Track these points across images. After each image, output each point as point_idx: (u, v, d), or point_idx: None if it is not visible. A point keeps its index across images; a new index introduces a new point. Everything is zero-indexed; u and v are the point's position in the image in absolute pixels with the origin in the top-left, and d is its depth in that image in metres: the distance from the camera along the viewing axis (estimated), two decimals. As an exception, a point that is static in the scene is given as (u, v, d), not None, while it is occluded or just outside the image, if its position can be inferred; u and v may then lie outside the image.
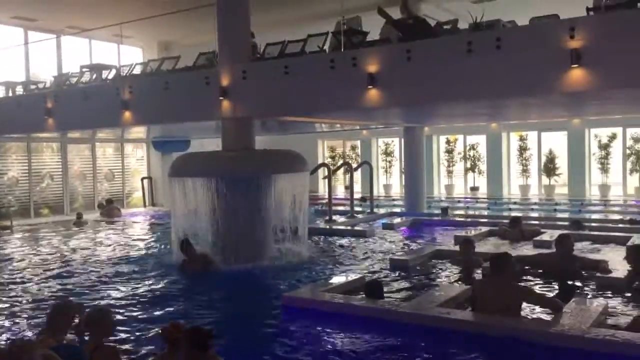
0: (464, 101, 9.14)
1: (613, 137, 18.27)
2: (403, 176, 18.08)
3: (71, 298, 7.04)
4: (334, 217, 14.24)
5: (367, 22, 10.25)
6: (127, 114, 11.66)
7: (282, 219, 10.09)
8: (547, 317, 5.87)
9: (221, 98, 9.99)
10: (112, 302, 7.31)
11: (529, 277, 7.76)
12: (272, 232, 9.98)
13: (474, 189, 20.44)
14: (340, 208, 16.39)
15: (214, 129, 12.76)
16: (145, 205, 19.63)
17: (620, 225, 11.85)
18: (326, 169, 15.43)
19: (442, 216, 14.18)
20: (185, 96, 10.78)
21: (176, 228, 9.99)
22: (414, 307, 6.21)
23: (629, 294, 6.84)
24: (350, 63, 8.80)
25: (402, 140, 17.07)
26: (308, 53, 9.67)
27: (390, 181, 22.30)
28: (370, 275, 8.25)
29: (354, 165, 18.34)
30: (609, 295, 6.86)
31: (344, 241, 11.55)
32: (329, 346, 5.52)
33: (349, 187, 16.38)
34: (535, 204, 17.65)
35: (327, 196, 14.90)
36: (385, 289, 6.99)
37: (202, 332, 4.05)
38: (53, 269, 9.55)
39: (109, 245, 11.93)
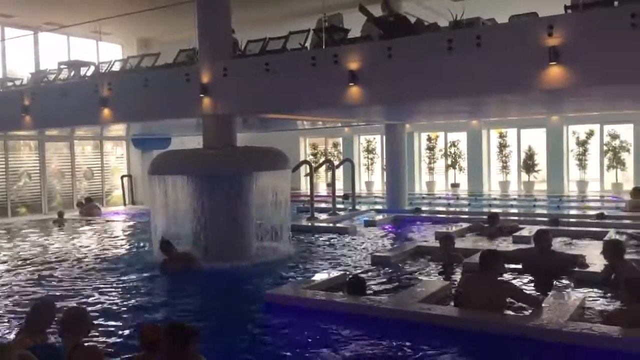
0: (444, 98, 9.19)
1: (591, 133, 18.55)
2: (385, 173, 18.15)
3: (50, 297, 6.96)
4: (316, 215, 14.26)
5: (349, 20, 10.26)
6: (106, 111, 11.52)
7: (264, 216, 10.07)
8: (527, 312, 5.94)
9: (202, 95, 9.93)
10: (92, 301, 7.23)
11: (509, 273, 7.84)
12: (254, 229, 9.96)
13: (455, 185, 20.61)
14: (323, 205, 16.41)
15: (194, 127, 12.68)
16: (125, 204, 19.45)
17: (596, 220, 12.02)
18: (308, 167, 15.42)
19: (415, 213, 14.28)
20: (166, 93, 10.68)
21: (156, 226, 9.91)
22: (396, 303, 6.25)
23: (605, 288, 6.95)
24: (332, 60, 8.80)
25: (384, 137, 17.13)
26: (289, 50, 9.65)
27: (372, 178, 22.38)
28: (352, 272, 8.27)
29: (336, 163, 18.36)
30: (587, 289, 6.97)
31: (326, 238, 11.56)
32: (312, 343, 5.53)
33: (331, 185, 16.40)
34: (514, 199, 17.86)
35: (309, 193, 14.90)
36: (367, 286, 7.01)
37: (184, 328, 4.04)
38: (32, 268, 9.41)
39: (89, 245, 11.80)
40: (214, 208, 9.42)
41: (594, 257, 8.09)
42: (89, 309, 6.50)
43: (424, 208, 15.40)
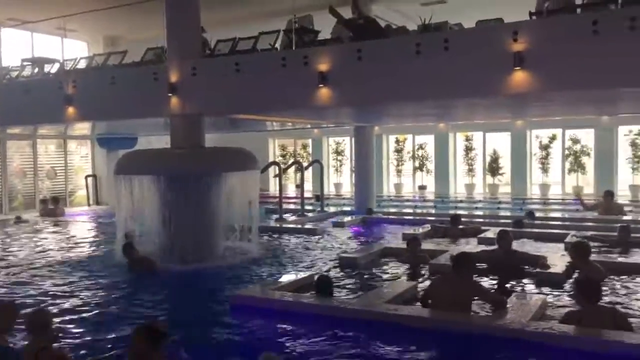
0: (412, 101, 9.30)
1: (553, 138, 19.01)
2: (353, 175, 18.25)
3: (13, 299, 6.79)
4: (284, 216, 14.24)
5: (319, 21, 10.29)
6: (71, 110, 11.30)
7: (232, 217, 10.01)
8: (490, 312, 6.05)
9: (170, 94, 9.82)
10: (56, 303, 7.08)
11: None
12: (221, 231, 9.89)
13: (422, 187, 20.86)
14: (292, 207, 16.41)
15: (162, 126, 12.53)
16: (89, 204, 19.07)
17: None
18: (277, 168, 15.40)
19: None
20: (133, 92, 10.54)
21: (121, 227, 9.74)
22: (363, 304, 6.30)
23: (566, 289, 7.14)
24: (302, 61, 8.82)
25: (353, 139, 17.23)
26: (259, 51, 9.63)
27: (340, 180, 22.47)
28: (320, 273, 8.28)
29: (305, 164, 18.37)
30: (548, 289, 7.15)
31: (295, 239, 11.56)
32: (279, 344, 5.52)
33: (300, 186, 16.41)
34: (480, 202, 18.18)
35: (278, 195, 14.88)
36: (335, 287, 7.04)
37: (158, 330, 4.05)
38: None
39: (52, 246, 11.52)
40: (181, 209, 9.31)
41: (555, 258, 8.31)
42: (53, 311, 6.38)
43: (392, 210, 15.55)
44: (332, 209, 16.26)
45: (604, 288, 6.80)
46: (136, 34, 17.11)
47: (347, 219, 14.03)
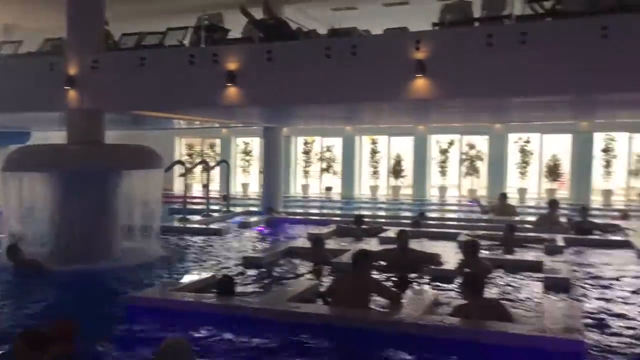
0: (320, 103, 9.48)
1: (451, 143, 20.11)
2: (261, 175, 18.26)
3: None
4: (189, 216, 13.98)
5: (230, 21, 10.21)
6: (-44, 100, 10.46)
7: (133, 217, 9.70)
8: (387, 307, 6.30)
9: (67, 88, 9.35)
10: None
11: (375, 270, 8.25)
12: (119, 230, 9.54)
13: (329, 188, 21.27)
14: (199, 207, 16.13)
15: (58, 121, 11.88)
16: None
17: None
18: (182, 167, 15.09)
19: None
20: (26, 84, 9.96)
21: (9, 228, 9.14)
22: (264, 302, 6.34)
23: (457, 284, 7.57)
24: (211, 59, 8.74)
25: (261, 139, 17.25)
26: (167, 47, 9.41)
27: (248, 180, 22.40)
28: (223, 273, 8.22)
29: (212, 164, 18.14)
30: (441, 285, 7.56)
31: (199, 240, 11.39)
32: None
33: (206, 186, 16.20)
34: (383, 203, 18.82)
35: (182, 194, 14.59)
36: (238, 286, 7.03)
37: (39, 333, 3.89)
38: None
39: None
40: (75, 207, 8.89)
41: (449, 256, 8.80)
42: None
43: (298, 210, 15.72)
44: (238, 209, 16.16)
45: (490, 282, 7.37)
46: (33, 24, 16.07)
47: (253, 219, 14.01)
